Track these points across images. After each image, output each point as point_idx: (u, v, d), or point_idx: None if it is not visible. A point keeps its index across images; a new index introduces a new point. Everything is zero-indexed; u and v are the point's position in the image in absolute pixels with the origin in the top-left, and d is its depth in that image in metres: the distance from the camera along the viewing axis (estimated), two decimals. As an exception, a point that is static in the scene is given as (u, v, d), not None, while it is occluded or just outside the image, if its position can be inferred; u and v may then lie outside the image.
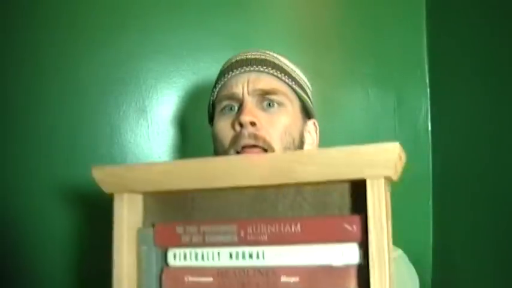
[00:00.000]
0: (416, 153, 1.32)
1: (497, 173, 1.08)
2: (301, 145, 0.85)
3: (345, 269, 0.50)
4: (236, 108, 0.81)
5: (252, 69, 0.81)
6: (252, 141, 0.77)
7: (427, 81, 1.35)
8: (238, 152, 0.78)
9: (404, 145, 0.89)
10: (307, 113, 0.87)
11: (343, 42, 1.33)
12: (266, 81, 0.81)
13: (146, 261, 0.58)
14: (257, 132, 0.78)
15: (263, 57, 0.83)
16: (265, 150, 0.78)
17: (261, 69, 0.81)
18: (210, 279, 0.55)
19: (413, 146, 1.32)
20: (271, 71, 0.81)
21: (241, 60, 0.83)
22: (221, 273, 0.55)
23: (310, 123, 0.89)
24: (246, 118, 0.77)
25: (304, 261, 0.51)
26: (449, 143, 1.28)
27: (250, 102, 0.80)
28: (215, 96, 0.85)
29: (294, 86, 0.83)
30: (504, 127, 1.05)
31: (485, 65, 1.13)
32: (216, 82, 0.86)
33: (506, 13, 1.05)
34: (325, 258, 0.51)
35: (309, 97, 0.87)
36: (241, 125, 0.78)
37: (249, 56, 0.83)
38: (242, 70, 0.81)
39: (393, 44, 1.34)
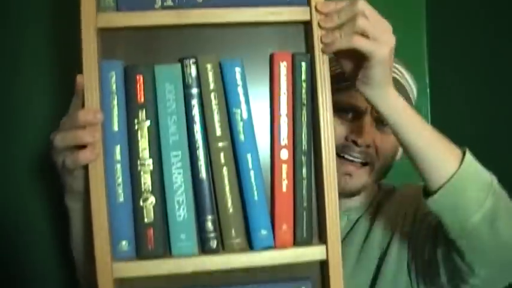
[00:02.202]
0: (416, 153, 1.31)
1: (497, 173, 1.07)
2: (394, 159, 0.87)
3: None
4: (350, 115, 0.82)
5: None
6: (360, 160, 0.80)
7: (427, 81, 1.35)
8: (337, 155, 0.78)
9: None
10: None
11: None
12: None
13: None
14: (368, 150, 0.80)
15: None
16: (365, 164, 0.81)
17: None
18: None
19: (413, 146, 1.31)
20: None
21: None
22: None
23: None
24: (364, 141, 0.79)
25: None
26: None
27: (369, 122, 0.80)
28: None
29: None
30: (504, 127, 1.05)
31: (485, 65, 1.13)
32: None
33: (506, 13, 1.05)
34: None
35: None
36: (356, 143, 0.80)
37: None
38: None
39: (393, 44, 1.34)
